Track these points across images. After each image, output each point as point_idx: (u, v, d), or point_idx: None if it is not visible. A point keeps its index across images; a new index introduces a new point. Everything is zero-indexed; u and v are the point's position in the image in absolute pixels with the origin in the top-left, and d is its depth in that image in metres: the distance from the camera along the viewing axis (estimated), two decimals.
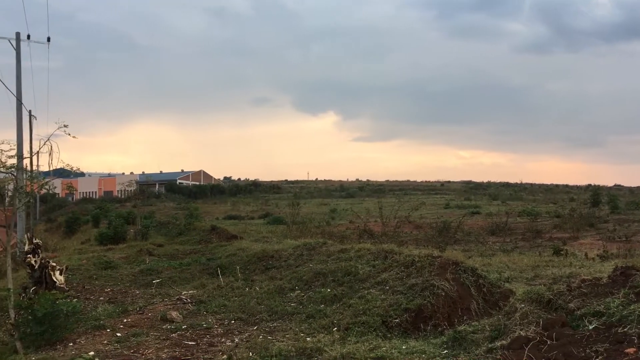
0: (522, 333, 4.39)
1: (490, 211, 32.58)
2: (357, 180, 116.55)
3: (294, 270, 10.00)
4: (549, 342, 4.04)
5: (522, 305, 5.08)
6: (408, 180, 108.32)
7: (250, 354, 5.41)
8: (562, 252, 14.16)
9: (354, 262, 9.06)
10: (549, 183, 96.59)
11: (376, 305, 6.82)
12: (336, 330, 6.30)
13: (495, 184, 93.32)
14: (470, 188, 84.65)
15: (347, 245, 11.16)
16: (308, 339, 5.93)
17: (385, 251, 9.05)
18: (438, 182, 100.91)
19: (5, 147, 7.45)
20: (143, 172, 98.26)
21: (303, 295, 8.26)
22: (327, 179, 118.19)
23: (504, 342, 4.43)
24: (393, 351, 5.13)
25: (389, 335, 6.14)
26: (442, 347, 5.32)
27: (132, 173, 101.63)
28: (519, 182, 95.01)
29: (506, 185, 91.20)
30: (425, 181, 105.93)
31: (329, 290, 8.07)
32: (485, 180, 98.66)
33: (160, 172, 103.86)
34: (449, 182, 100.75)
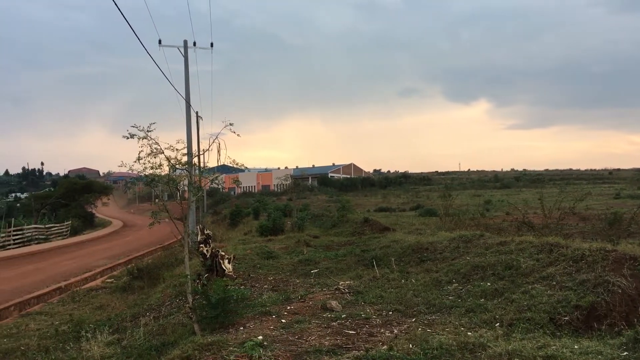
0: None
1: None
2: (513, 170, 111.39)
3: (450, 262, 9.80)
4: None
5: None
6: (570, 169, 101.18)
7: (411, 345, 5.39)
8: None
9: (515, 255, 8.64)
10: None
11: (542, 302, 6.44)
12: (499, 325, 6.05)
13: None
14: None
15: (506, 237, 10.68)
16: (469, 333, 5.77)
17: (550, 244, 8.51)
18: (605, 170, 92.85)
19: (179, 145, 8.17)
20: (297, 167, 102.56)
21: (461, 289, 8.06)
22: (479, 169, 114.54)
23: None
24: (564, 350, 4.81)
25: (558, 333, 5.77)
26: (620, 348, 4.89)
27: (286, 167, 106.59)
28: None
29: None
30: (590, 169, 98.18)
31: (488, 284, 7.79)
32: None
33: (313, 166, 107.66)
34: (618, 169, 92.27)
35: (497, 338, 5.40)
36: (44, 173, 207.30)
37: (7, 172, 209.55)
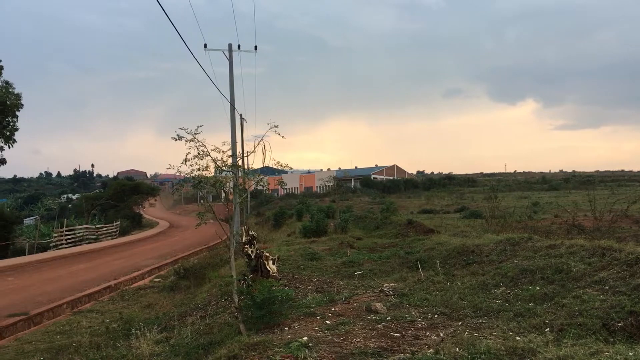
0: None
1: None
2: (561, 171, 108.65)
3: (497, 265, 9.62)
4: None
5: None
6: (622, 170, 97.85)
7: (457, 349, 5.31)
8: None
9: (565, 258, 8.41)
10: None
11: (594, 307, 6.24)
12: (549, 331, 5.90)
13: None
14: None
15: (555, 240, 10.41)
16: (518, 338, 5.64)
17: (602, 248, 8.25)
18: None
19: (225, 147, 8.30)
20: (339, 168, 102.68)
21: (509, 293, 7.89)
22: (526, 170, 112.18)
23: None
24: (618, 357, 4.65)
25: (611, 339, 5.57)
26: None
27: (329, 169, 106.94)
28: None
29: None
30: None
31: (537, 288, 7.60)
32: None
33: (355, 167, 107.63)
34: None
35: (547, 343, 5.27)
36: (94, 175, 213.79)
37: (59, 174, 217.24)
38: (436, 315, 7.21)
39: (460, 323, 6.71)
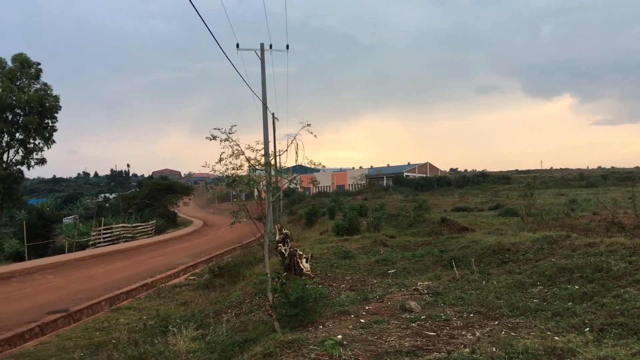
0: None
1: None
2: (599, 167, 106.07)
3: (533, 264, 9.45)
4: None
5: None
6: None
7: (494, 349, 5.24)
8: None
9: (605, 257, 8.22)
10: None
11: (636, 306, 6.07)
12: (588, 330, 5.77)
13: None
14: None
15: (594, 238, 10.18)
16: (556, 338, 5.54)
17: None
18: None
19: (259, 147, 8.36)
20: (371, 166, 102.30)
21: (546, 292, 7.74)
22: (563, 167, 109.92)
23: None
24: None
25: None
26: None
27: (360, 167, 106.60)
28: None
29: None
30: None
31: (576, 287, 7.44)
32: None
33: (387, 165, 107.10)
34: None
35: (587, 343, 5.16)
36: (130, 174, 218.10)
37: (96, 174, 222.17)
38: (472, 315, 7.13)
39: (496, 322, 6.62)
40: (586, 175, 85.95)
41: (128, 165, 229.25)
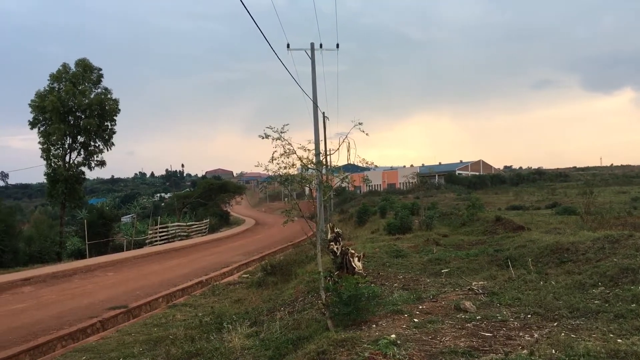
0: None
1: None
2: None
3: (594, 264, 9.13)
4: None
5: None
6: None
7: (554, 351, 5.10)
8: None
9: None
10: None
11: None
12: None
13: None
14: None
15: None
16: (619, 340, 5.34)
17: None
18: None
19: (310, 146, 8.41)
20: (423, 164, 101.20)
21: (608, 293, 7.47)
22: (624, 164, 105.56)
23: None
24: None
25: None
26: None
27: (412, 165, 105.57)
28: None
29: None
30: None
31: None
32: None
33: (439, 163, 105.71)
34: None
35: None
36: (184, 174, 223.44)
37: (152, 174, 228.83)
38: (529, 315, 6.95)
39: (555, 324, 6.43)
40: None
41: (182, 165, 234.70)
